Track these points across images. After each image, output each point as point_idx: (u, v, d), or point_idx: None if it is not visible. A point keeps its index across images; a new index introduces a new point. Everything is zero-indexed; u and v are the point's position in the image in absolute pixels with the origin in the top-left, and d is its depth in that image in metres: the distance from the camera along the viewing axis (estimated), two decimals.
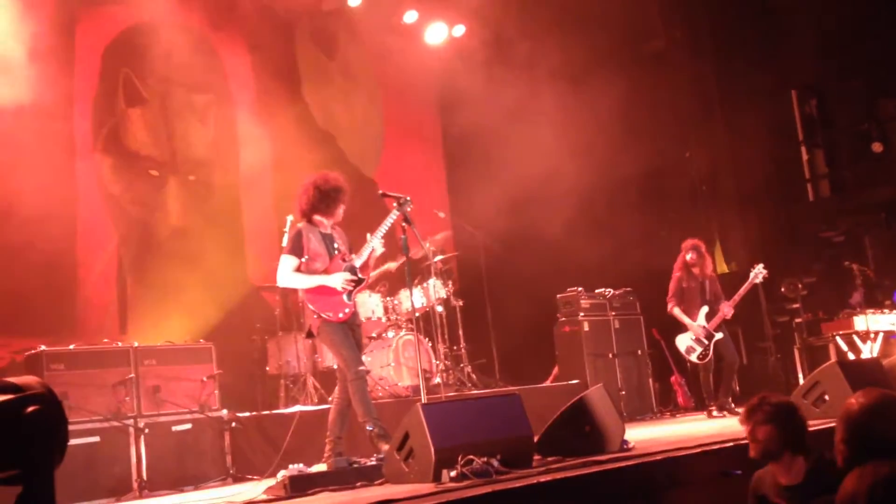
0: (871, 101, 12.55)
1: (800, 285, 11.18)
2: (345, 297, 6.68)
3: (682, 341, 9.48)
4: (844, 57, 12.48)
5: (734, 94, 13.20)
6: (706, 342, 9.31)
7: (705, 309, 9.39)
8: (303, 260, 6.71)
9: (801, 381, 8.98)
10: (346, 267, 6.76)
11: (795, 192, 13.30)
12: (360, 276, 6.78)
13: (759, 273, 9.38)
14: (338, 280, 6.64)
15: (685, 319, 9.42)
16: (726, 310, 9.35)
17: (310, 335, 6.89)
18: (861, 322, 10.58)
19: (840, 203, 12.89)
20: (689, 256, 9.56)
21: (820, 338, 10.97)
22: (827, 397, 7.09)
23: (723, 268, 13.13)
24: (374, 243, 6.84)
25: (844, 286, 11.38)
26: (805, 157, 13.42)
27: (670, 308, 9.55)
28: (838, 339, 10.57)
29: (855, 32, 12.27)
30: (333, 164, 11.27)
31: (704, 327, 9.31)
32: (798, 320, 11.22)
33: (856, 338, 10.54)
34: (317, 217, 6.84)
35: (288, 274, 6.72)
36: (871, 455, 3.18)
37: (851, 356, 10.37)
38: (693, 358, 9.41)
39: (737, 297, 9.39)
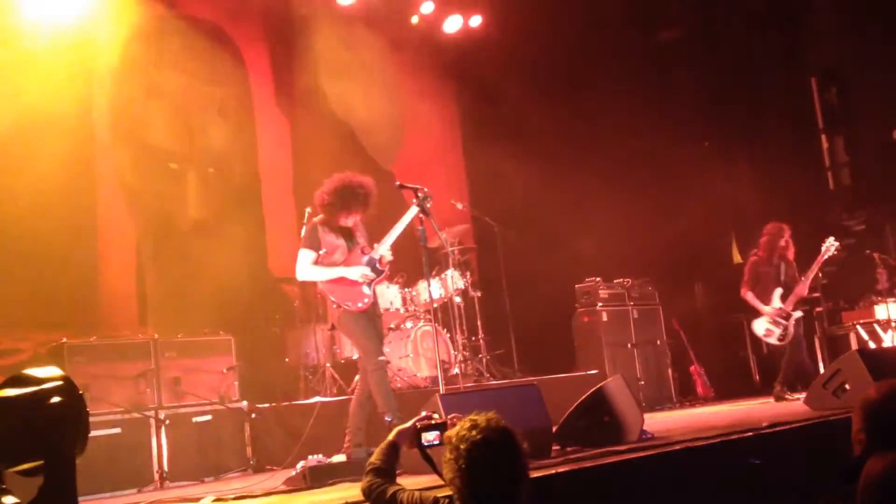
0: (892, 89, 12.44)
1: (820, 274, 11.11)
2: (364, 287, 6.70)
3: (760, 326, 9.42)
4: (864, 44, 12.37)
5: (753, 82, 13.10)
6: (784, 322, 9.23)
7: (779, 291, 9.35)
8: (321, 253, 6.73)
9: (822, 371, 8.94)
10: (366, 260, 6.77)
11: (815, 181, 13.21)
12: (379, 268, 6.80)
13: (830, 246, 9.29)
14: (356, 273, 6.66)
15: (758, 304, 9.40)
16: (801, 288, 9.30)
17: (335, 328, 6.91)
18: (882, 311, 10.52)
19: (860, 191, 12.79)
20: (771, 240, 9.52)
21: (841, 327, 10.91)
22: (847, 386, 7.06)
23: (737, 258, 13.04)
24: (394, 235, 6.85)
25: (865, 275, 11.30)
26: (825, 145, 13.33)
27: (744, 293, 9.52)
28: (859, 327, 10.53)
29: (875, 18, 12.16)
30: (352, 156, 11.27)
31: (781, 308, 9.25)
32: (818, 309, 11.14)
33: (877, 327, 10.49)
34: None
35: (306, 267, 6.74)
36: (893, 445, 3.16)
37: (872, 345, 10.31)
38: (773, 341, 9.32)
39: (810, 273, 9.33)
